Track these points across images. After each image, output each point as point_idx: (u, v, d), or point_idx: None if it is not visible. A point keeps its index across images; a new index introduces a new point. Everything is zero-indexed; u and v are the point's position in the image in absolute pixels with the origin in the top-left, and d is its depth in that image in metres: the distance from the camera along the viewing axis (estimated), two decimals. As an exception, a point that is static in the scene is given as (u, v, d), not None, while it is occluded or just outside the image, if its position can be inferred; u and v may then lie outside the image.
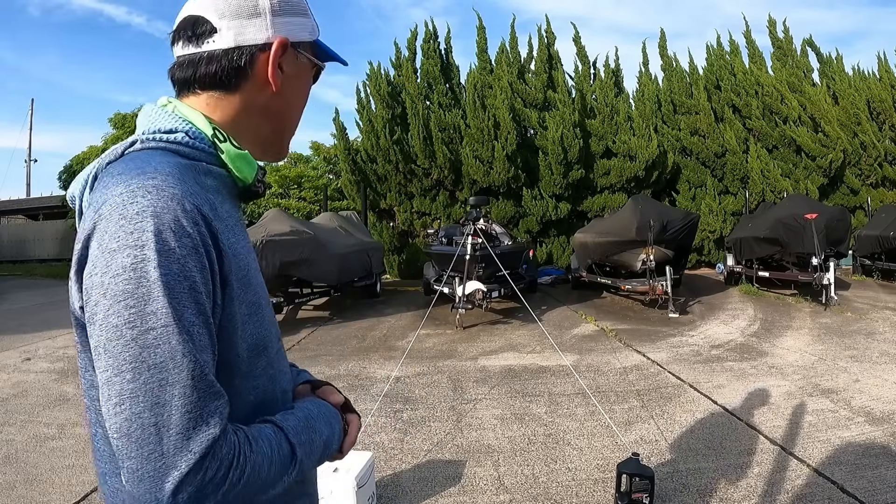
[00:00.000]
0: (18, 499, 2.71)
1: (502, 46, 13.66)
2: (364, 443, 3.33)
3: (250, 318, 0.71)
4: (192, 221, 0.62)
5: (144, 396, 0.57)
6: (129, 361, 0.57)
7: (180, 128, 0.72)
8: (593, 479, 2.84)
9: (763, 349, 5.44)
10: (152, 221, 0.59)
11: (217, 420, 0.60)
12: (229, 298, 0.67)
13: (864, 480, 2.70)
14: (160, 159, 0.67)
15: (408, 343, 5.63)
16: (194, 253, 0.61)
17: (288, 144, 0.87)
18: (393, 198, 12.84)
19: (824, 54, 14.12)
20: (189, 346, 0.59)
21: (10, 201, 26.34)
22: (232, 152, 0.75)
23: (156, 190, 0.61)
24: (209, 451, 0.58)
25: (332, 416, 0.82)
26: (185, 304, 0.59)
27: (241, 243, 0.73)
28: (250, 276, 0.72)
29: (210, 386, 0.60)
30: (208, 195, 0.69)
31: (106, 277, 0.58)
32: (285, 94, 0.80)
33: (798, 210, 8.07)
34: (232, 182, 0.77)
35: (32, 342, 6.37)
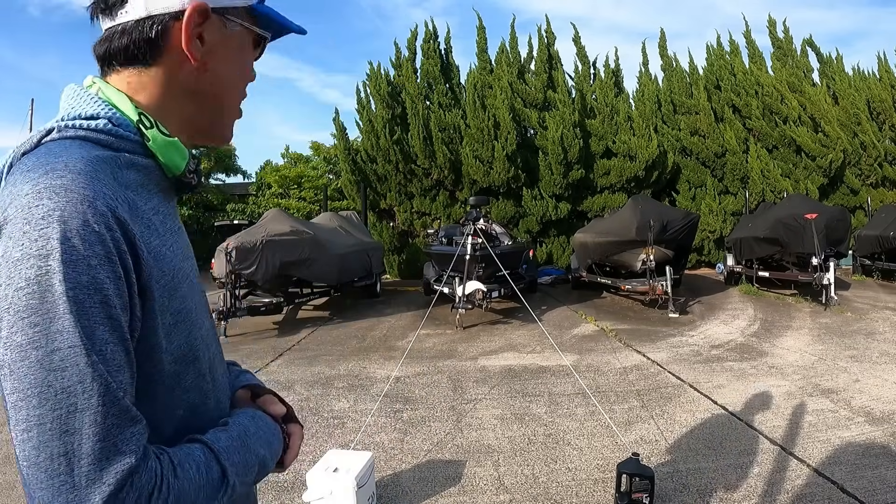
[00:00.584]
0: (18, 499, 2.71)
1: (502, 46, 13.66)
2: (364, 443, 3.33)
3: (176, 327, 0.65)
4: (105, 226, 0.55)
5: (52, 424, 0.52)
6: (34, 386, 0.52)
7: (102, 114, 0.65)
8: (593, 479, 2.84)
9: (763, 349, 5.44)
10: (58, 227, 0.53)
11: (133, 447, 0.55)
12: (150, 309, 0.60)
13: (864, 480, 2.70)
14: (74, 152, 0.59)
15: (408, 343, 5.63)
16: (107, 262, 0.54)
17: (229, 127, 0.78)
18: (393, 198, 12.84)
19: (824, 54, 14.13)
20: (100, 368, 0.53)
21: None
22: (159, 140, 0.67)
23: (64, 191, 0.54)
24: (125, 481, 0.53)
25: (271, 433, 0.76)
26: (97, 321, 0.53)
27: (167, 245, 0.66)
28: (177, 282, 0.66)
29: (125, 411, 0.55)
30: (128, 193, 0.62)
31: (10, 290, 0.52)
32: (211, 68, 0.71)
33: (798, 210, 8.07)
34: (161, 173, 0.69)
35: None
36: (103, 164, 0.61)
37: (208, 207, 17.41)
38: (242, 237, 6.76)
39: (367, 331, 6.75)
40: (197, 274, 0.76)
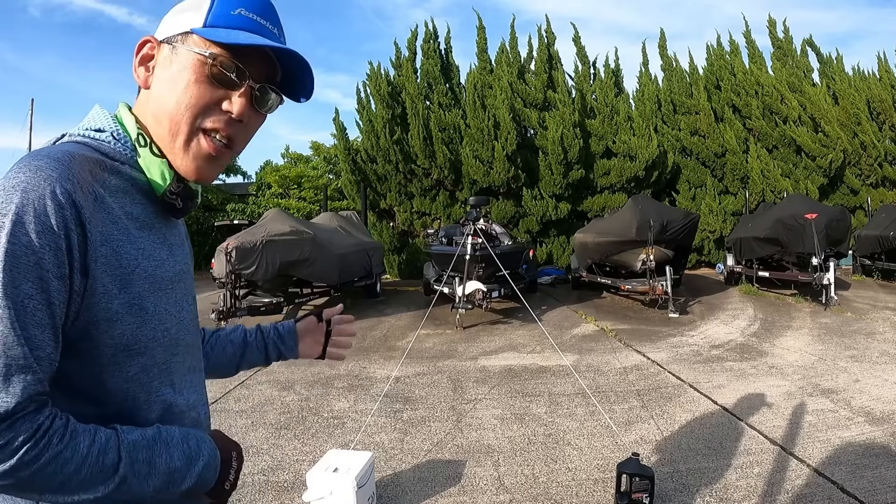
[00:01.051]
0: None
1: (502, 46, 13.66)
2: (364, 443, 3.33)
3: (122, 318, 0.69)
4: (57, 204, 0.62)
5: None
6: None
7: (107, 128, 0.76)
8: (593, 479, 2.84)
9: (763, 349, 5.44)
10: (19, 196, 0.61)
11: (17, 391, 0.59)
12: (91, 290, 0.66)
13: (864, 480, 2.70)
14: (65, 147, 0.69)
15: (408, 343, 5.63)
16: (50, 233, 0.62)
17: (179, 151, 0.76)
18: (393, 198, 12.84)
19: (824, 54, 14.14)
20: (11, 313, 0.59)
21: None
22: (146, 158, 0.76)
23: (36, 169, 0.63)
24: (2, 419, 0.58)
25: (199, 450, 0.76)
26: (26, 277, 0.60)
27: (135, 245, 0.72)
28: (134, 278, 0.70)
29: (23, 356, 0.60)
30: (97, 188, 0.69)
31: None
32: (154, 90, 0.77)
33: (798, 210, 8.07)
34: (148, 187, 0.76)
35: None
36: (84, 160, 0.69)
37: (208, 207, 17.42)
38: (242, 237, 6.76)
39: (367, 331, 6.75)
40: (175, 284, 0.79)
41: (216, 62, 0.74)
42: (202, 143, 0.77)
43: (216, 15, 0.76)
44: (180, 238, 0.85)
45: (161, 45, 0.77)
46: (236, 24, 0.76)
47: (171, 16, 0.78)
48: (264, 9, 0.79)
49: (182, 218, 0.85)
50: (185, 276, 0.82)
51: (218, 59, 0.74)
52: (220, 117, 0.76)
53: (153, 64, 0.77)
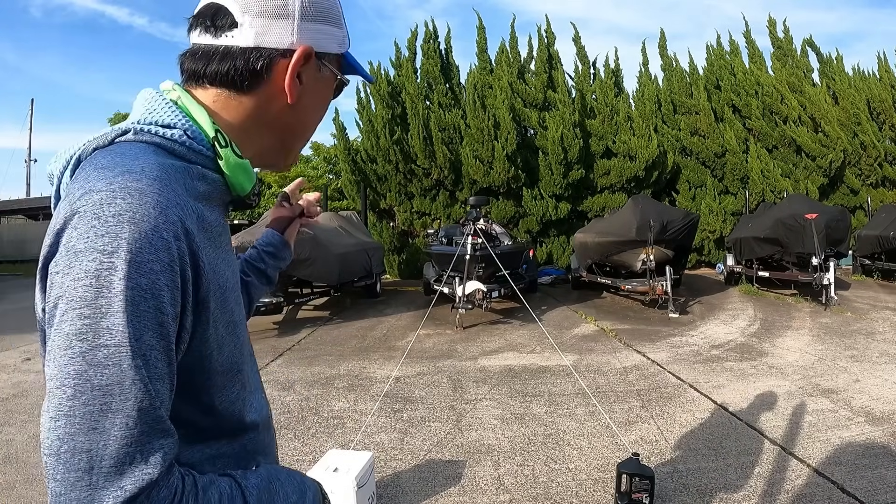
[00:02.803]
0: (18, 499, 2.71)
1: (502, 46, 13.66)
2: (364, 443, 3.33)
3: (226, 339, 0.66)
4: (174, 235, 0.56)
5: (82, 418, 0.51)
6: (72, 376, 0.51)
7: (178, 124, 0.65)
8: (593, 479, 2.84)
9: (763, 349, 5.44)
10: (128, 228, 0.53)
11: (159, 460, 0.53)
12: (205, 321, 0.62)
13: (864, 480, 2.70)
14: (150, 158, 0.61)
15: (408, 343, 5.63)
16: (169, 270, 0.55)
17: (294, 158, 0.81)
18: (393, 198, 12.84)
19: (824, 54, 14.13)
20: (142, 373, 0.52)
21: (10, 201, 26.35)
22: (232, 160, 0.68)
23: (139, 194, 0.55)
24: (143, 492, 0.52)
25: (303, 482, 0.76)
26: (147, 326, 0.53)
27: (221, 257, 0.67)
28: (227, 295, 0.67)
29: (158, 421, 0.54)
30: (197, 204, 0.63)
31: (67, 279, 0.53)
32: (301, 106, 0.73)
33: (798, 210, 8.07)
34: (225, 189, 0.70)
35: (32, 342, 6.36)
36: (176, 174, 0.62)
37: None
38: (242, 237, 6.75)
39: (367, 331, 6.74)
40: (238, 287, 0.77)
41: (340, 88, 0.81)
42: None
43: (348, 35, 0.78)
44: None
45: (311, 59, 0.72)
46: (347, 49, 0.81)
47: (317, 23, 0.72)
48: None
49: None
50: (237, 267, 0.81)
51: (345, 86, 0.81)
52: None
53: (305, 78, 0.73)
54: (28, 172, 35.12)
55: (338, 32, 0.75)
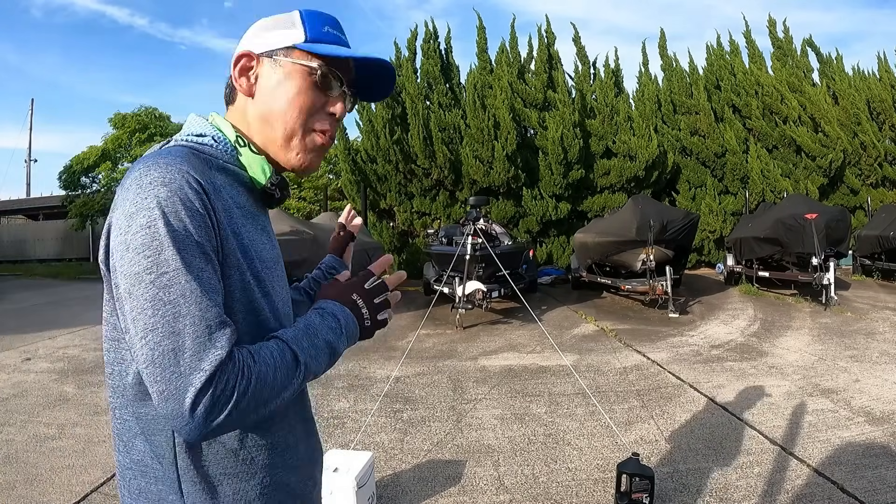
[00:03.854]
0: (18, 499, 2.71)
1: (502, 46, 13.66)
2: (364, 443, 3.33)
3: (254, 287, 0.81)
4: (194, 190, 0.73)
5: (163, 328, 0.68)
6: (148, 301, 0.68)
7: (208, 133, 0.86)
8: (593, 479, 2.84)
9: (763, 349, 5.44)
10: (163, 188, 0.71)
11: (224, 343, 0.69)
12: (227, 262, 0.77)
13: (864, 480, 2.70)
14: (179, 149, 0.79)
15: (408, 343, 5.63)
16: (197, 214, 0.72)
17: (295, 148, 0.89)
18: (393, 198, 12.83)
19: (824, 54, 14.13)
20: (195, 285, 0.69)
21: (10, 201, 26.35)
22: (248, 155, 0.86)
23: (165, 165, 0.73)
24: (218, 368, 0.67)
25: (334, 314, 0.86)
26: (193, 254, 0.71)
27: (244, 227, 0.82)
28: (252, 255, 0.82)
29: (217, 315, 0.70)
30: (214, 180, 0.79)
31: (128, 235, 0.70)
32: (263, 98, 0.87)
33: (798, 210, 8.07)
34: (251, 183, 0.87)
35: (32, 342, 6.37)
36: (197, 160, 0.79)
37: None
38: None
39: (367, 331, 6.74)
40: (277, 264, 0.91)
41: (321, 72, 0.87)
42: (315, 139, 0.90)
43: (313, 31, 0.88)
44: (270, 226, 0.97)
45: (261, 59, 0.88)
46: (329, 39, 0.89)
47: (263, 31, 0.89)
48: (338, 24, 0.92)
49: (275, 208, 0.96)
50: (280, 259, 0.94)
51: (323, 70, 0.87)
52: (326, 118, 0.90)
53: (254, 74, 0.88)
54: (28, 172, 35.13)
55: (289, 32, 0.87)
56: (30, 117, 34.05)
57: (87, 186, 18.19)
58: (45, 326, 7.24)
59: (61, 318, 7.96)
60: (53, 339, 6.52)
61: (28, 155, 33.06)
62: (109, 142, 17.50)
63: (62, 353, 5.84)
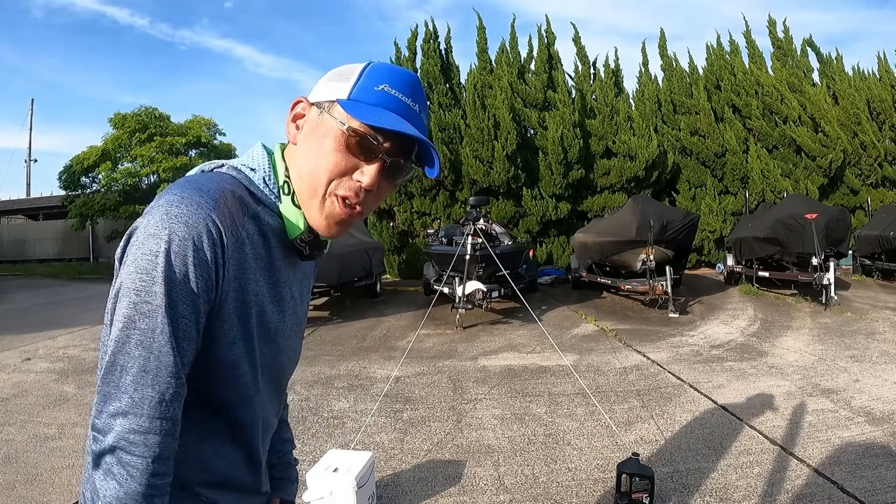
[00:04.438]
0: (18, 499, 2.71)
1: (502, 46, 13.65)
2: (364, 443, 3.33)
3: (239, 343, 0.80)
4: (212, 241, 0.72)
5: (123, 344, 0.70)
6: (125, 317, 0.71)
7: (262, 169, 0.84)
8: (593, 479, 2.84)
9: (763, 349, 5.44)
10: (183, 228, 0.71)
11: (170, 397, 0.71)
12: (219, 316, 0.77)
13: (864, 480, 2.70)
14: (220, 182, 0.78)
15: (408, 343, 5.63)
16: (203, 265, 0.72)
17: (315, 208, 0.82)
18: (393, 198, 12.82)
19: (824, 54, 14.13)
20: (169, 329, 0.71)
21: (10, 201, 26.34)
22: (286, 206, 0.83)
23: (196, 205, 0.72)
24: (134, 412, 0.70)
25: None
26: (181, 298, 0.71)
27: (257, 283, 0.81)
28: (251, 314, 0.80)
29: (172, 365, 0.71)
30: (239, 231, 0.77)
31: (139, 252, 0.71)
32: (300, 149, 0.83)
33: (798, 210, 8.07)
34: (283, 233, 0.84)
35: (32, 342, 6.37)
36: (233, 201, 0.77)
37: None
38: None
39: (367, 331, 6.75)
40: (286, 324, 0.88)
41: (353, 135, 0.79)
42: (336, 207, 0.82)
43: (360, 89, 0.80)
44: (304, 274, 0.95)
45: (312, 107, 0.83)
46: (377, 100, 0.80)
47: (325, 81, 0.84)
48: (407, 85, 0.82)
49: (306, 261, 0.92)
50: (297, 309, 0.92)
51: (355, 133, 0.79)
52: (353, 185, 0.81)
53: (303, 123, 0.83)
54: (28, 172, 35.08)
55: (339, 86, 0.81)
56: (30, 117, 34.06)
57: (86, 186, 18.18)
58: (45, 326, 7.25)
59: (61, 318, 7.96)
60: (53, 339, 6.52)
61: (28, 155, 33.10)
62: (109, 142, 17.48)
63: (62, 353, 5.84)
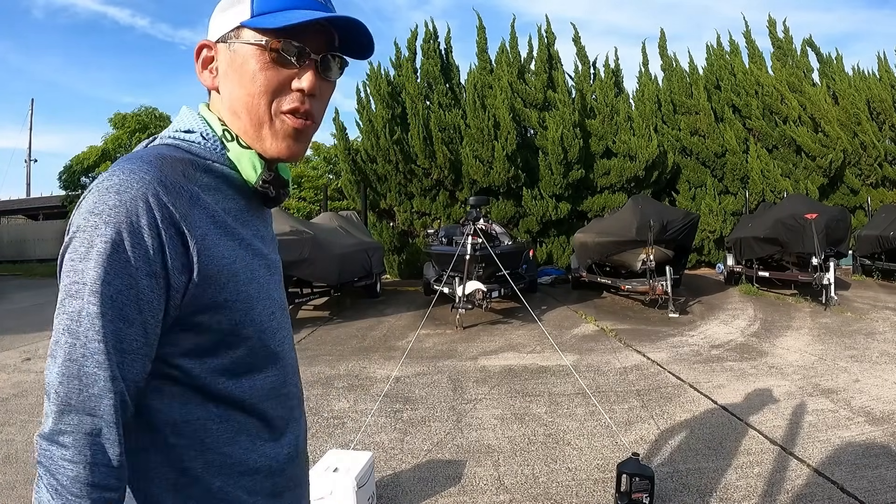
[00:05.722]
0: (18, 499, 2.71)
1: (502, 46, 13.65)
2: (364, 443, 3.33)
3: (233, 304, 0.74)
4: (148, 205, 0.66)
5: (54, 332, 0.66)
6: (59, 300, 0.66)
7: (196, 128, 0.79)
8: (593, 479, 2.84)
9: (763, 349, 5.44)
10: (114, 197, 0.66)
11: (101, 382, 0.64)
12: (198, 283, 0.71)
13: (864, 480, 2.70)
14: (157, 150, 0.73)
15: (408, 343, 5.63)
16: (138, 233, 0.66)
17: (267, 137, 0.79)
18: (393, 198, 12.83)
19: (824, 54, 14.12)
20: (96, 309, 0.64)
21: (10, 201, 26.35)
22: (236, 150, 0.79)
23: (129, 172, 0.67)
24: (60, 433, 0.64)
25: None
26: (117, 273, 0.65)
27: (232, 237, 0.76)
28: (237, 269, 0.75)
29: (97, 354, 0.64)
30: (192, 187, 0.72)
31: (71, 230, 0.67)
32: (223, 88, 0.80)
33: (798, 210, 8.07)
34: (243, 183, 0.80)
35: (32, 342, 6.37)
36: (175, 162, 0.73)
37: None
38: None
39: (367, 331, 6.75)
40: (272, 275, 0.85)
41: (274, 48, 0.76)
42: (287, 122, 0.79)
43: (263, 4, 0.77)
44: (271, 232, 0.90)
45: (217, 46, 0.80)
46: (281, 4, 0.77)
47: (217, 15, 0.80)
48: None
49: (274, 207, 0.89)
50: (273, 266, 0.86)
51: (275, 45, 0.76)
52: (295, 95, 0.78)
53: (215, 65, 0.81)
54: (28, 172, 35.08)
55: (235, 11, 0.78)
56: (30, 117, 34.05)
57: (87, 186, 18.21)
58: (45, 326, 7.23)
59: (61, 318, 7.95)
60: (53, 339, 6.52)
61: (28, 155, 33.08)
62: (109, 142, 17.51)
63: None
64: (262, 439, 0.80)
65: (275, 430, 0.82)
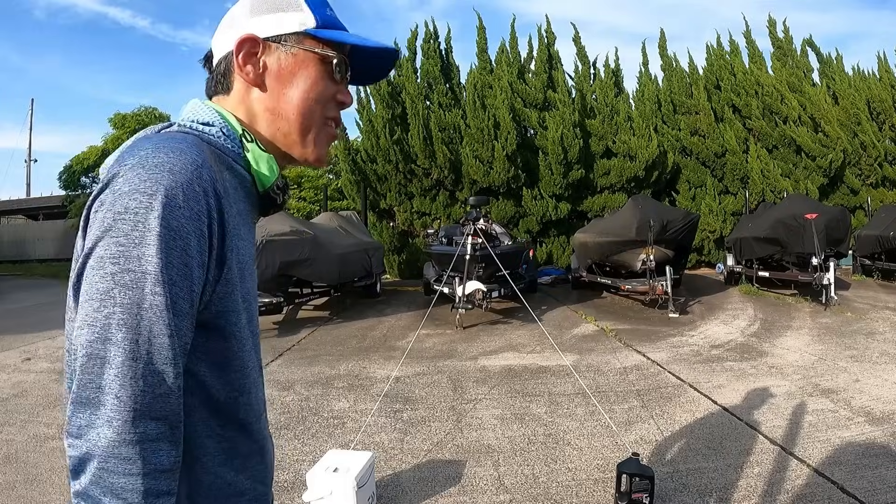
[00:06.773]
0: (18, 499, 2.71)
1: (502, 46, 13.66)
2: (364, 443, 3.33)
3: (241, 306, 0.74)
4: (204, 191, 0.63)
5: (101, 329, 0.58)
6: (99, 292, 0.58)
7: (216, 123, 0.76)
8: (593, 479, 2.84)
9: (763, 349, 5.44)
10: (168, 176, 0.60)
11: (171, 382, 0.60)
12: (226, 280, 0.69)
13: (864, 480, 2.69)
14: (190, 139, 0.69)
15: (408, 343, 5.63)
16: (197, 219, 0.62)
17: (311, 146, 0.82)
18: (393, 198, 12.83)
19: (824, 54, 14.12)
20: (159, 300, 0.59)
21: (10, 201, 26.36)
22: (256, 153, 0.77)
23: (179, 151, 0.63)
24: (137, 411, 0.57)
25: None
26: (173, 263, 0.60)
27: (244, 239, 0.75)
28: (245, 271, 0.75)
29: (164, 348, 0.59)
30: (224, 180, 0.70)
31: (109, 214, 0.59)
32: (270, 88, 0.79)
33: (798, 210, 8.07)
34: (252, 186, 0.79)
35: (32, 342, 6.37)
36: (210, 154, 0.70)
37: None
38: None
39: (367, 331, 6.74)
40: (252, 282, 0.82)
41: (343, 63, 0.81)
42: (330, 131, 0.84)
43: (322, 16, 0.80)
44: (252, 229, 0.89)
45: (268, 45, 0.79)
46: (335, 21, 0.82)
47: (263, 13, 0.79)
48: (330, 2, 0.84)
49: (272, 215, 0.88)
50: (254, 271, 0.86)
51: (337, 60, 0.80)
52: (336, 108, 0.84)
53: (261, 62, 0.79)
54: (28, 172, 35.09)
55: (295, 15, 0.79)
56: (30, 117, 34.08)
57: (87, 186, 18.22)
58: (45, 326, 7.24)
59: (61, 318, 7.89)
60: (53, 339, 6.52)
61: (28, 155, 33.11)
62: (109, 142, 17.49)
63: (62, 353, 5.82)
64: None
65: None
